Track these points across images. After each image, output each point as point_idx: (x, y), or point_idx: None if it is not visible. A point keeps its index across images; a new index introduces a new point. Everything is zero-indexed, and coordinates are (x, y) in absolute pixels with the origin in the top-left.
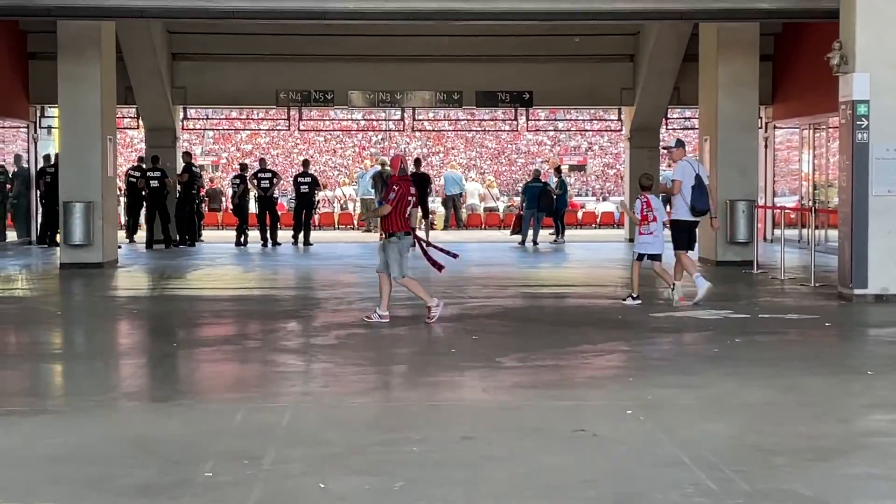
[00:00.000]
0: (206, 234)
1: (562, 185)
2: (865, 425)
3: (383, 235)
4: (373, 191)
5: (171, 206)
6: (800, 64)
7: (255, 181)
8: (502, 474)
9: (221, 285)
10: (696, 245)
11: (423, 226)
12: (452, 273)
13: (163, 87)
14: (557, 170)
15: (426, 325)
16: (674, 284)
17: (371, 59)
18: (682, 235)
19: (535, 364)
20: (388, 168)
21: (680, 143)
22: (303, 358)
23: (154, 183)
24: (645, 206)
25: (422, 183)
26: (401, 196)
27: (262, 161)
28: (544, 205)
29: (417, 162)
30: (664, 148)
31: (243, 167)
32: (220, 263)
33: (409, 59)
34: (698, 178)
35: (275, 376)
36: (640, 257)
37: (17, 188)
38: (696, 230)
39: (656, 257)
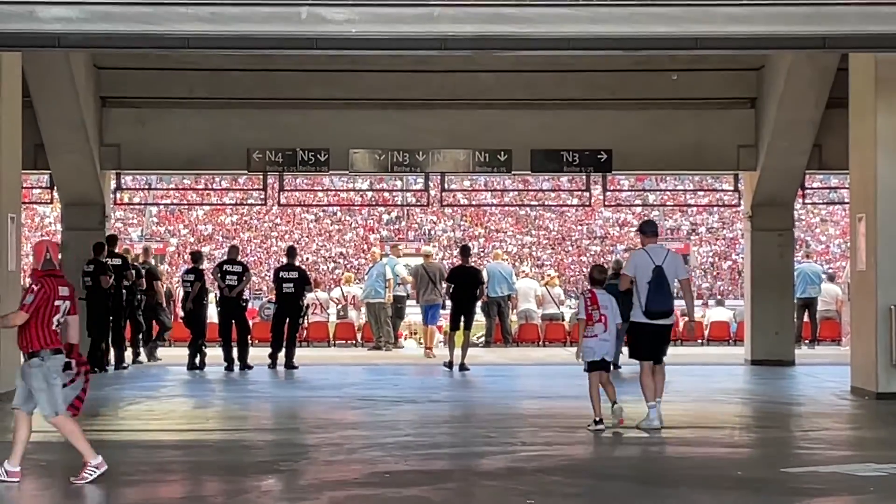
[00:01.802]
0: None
1: None
2: None
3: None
4: (382, 291)
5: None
6: None
7: (218, 275)
8: None
9: (168, 426)
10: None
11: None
12: (497, 409)
13: (87, 146)
14: None
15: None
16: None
17: (382, 106)
18: (637, 342)
19: None
20: (434, 261)
21: (644, 228)
22: None
23: (87, 281)
24: (589, 303)
25: (470, 281)
26: (43, 299)
27: (232, 249)
28: (627, 311)
29: (465, 251)
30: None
31: (196, 257)
32: (165, 395)
33: (435, 104)
34: (658, 271)
35: None
36: (592, 367)
37: None
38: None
39: (603, 365)
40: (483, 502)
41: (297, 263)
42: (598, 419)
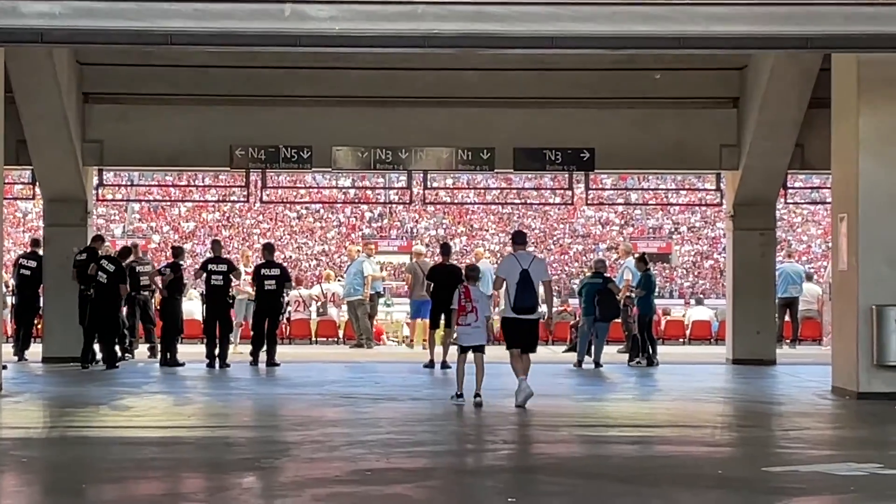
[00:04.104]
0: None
1: (647, 282)
2: None
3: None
4: (361, 288)
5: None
6: None
7: (202, 274)
8: None
9: (149, 423)
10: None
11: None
12: (479, 409)
13: (69, 142)
14: (642, 259)
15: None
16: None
17: (365, 103)
18: (507, 333)
19: None
20: (426, 259)
21: (514, 238)
22: None
23: (102, 278)
24: (463, 297)
25: (450, 279)
26: None
27: (215, 245)
28: (606, 310)
29: (445, 249)
30: (511, 239)
31: (178, 251)
32: (146, 391)
33: (418, 102)
34: (525, 273)
35: None
36: (464, 350)
37: None
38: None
39: (478, 349)
40: (464, 501)
41: (277, 260)
42: (459, 393)
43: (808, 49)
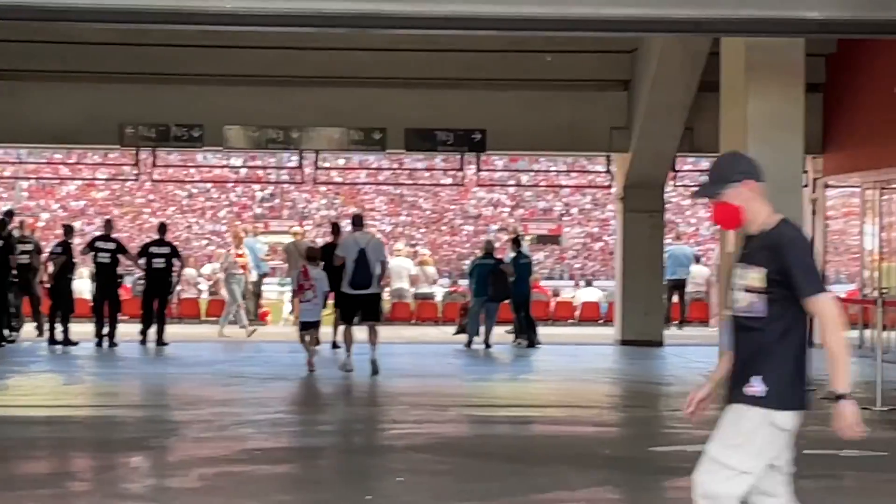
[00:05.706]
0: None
1: (519, 263)
2: None
3: None
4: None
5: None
6: (863, 98)
7: (88, 251)
8: None
9: (36, 402)
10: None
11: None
12: (368, 387)
13: None
14: (516, 241)
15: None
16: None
17: (257, 82)
18: (342, 307)
19: None
20: (306, 240)
21: (354, 220)
22: None
23: None
24: (302, 277)
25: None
26: None
27: (106, 225)
28: (497, 290)
29: (335, 229)
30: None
31: (68, 230)
32: (34, 371)
33: (311, 82)
34: (362, 253)
35: None
36: (304, 326)
37: None
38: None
39: (311, 325)
40: (353, 480)
41: (168, 239)
42: (310, 367)
43: (697, 32)
